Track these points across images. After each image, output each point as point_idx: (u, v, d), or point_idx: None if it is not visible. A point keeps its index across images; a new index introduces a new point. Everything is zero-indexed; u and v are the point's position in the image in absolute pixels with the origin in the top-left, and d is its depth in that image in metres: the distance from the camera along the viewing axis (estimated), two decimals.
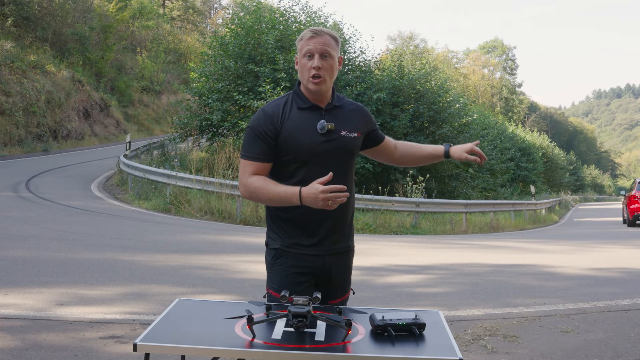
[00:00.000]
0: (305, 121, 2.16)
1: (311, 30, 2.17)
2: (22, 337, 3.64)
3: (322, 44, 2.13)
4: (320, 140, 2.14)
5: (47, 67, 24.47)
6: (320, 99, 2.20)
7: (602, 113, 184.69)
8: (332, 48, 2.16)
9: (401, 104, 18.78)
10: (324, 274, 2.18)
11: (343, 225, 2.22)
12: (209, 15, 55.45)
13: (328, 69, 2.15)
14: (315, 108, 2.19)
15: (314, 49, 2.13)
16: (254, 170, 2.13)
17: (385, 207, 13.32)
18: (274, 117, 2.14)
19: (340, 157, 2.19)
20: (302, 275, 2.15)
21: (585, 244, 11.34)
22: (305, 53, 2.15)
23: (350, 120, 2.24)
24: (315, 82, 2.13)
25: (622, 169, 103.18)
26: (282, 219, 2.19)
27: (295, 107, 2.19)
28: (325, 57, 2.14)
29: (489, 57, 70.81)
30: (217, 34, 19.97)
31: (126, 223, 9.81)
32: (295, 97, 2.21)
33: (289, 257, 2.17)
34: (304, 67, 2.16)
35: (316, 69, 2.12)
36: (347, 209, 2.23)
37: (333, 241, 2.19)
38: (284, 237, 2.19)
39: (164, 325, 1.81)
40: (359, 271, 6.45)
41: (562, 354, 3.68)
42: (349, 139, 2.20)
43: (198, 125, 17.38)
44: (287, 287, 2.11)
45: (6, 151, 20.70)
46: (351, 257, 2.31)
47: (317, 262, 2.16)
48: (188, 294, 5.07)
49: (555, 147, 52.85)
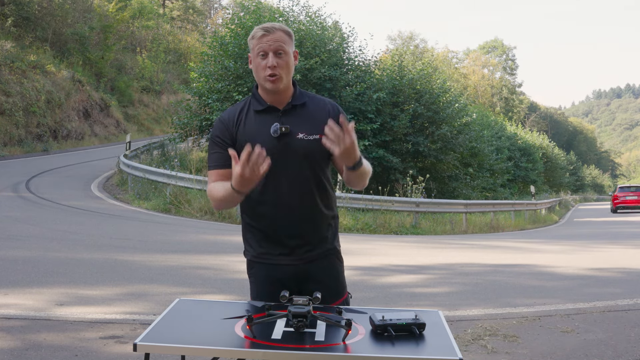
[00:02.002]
0: (260, 125, 2.06)
1: (262, 28, 2.06)
2: (22, 337, 3.64)
3: (275, 42, 2.03)
4: (274, 144, 2.01)
5: (47, 67, 24.48)
6: (279, 100, 2.08)
7: (602, 113, 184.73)
8: (286, 44, 2.05)
9: (401, 104, 18.78)
10: (303, 282, 2.07)
11: (316, 232, 2.09)
12: (209, 15, 55.47)
13: (284, 66, 2.03)
14: (272, 110, 2.07)
15: (267, 47, 2.02)
16: (215, 178, 2.06)
17: (385, 207, 13.32)
18: (229, 123, 2.08)
19: (298, 161, 2.03)
20: (275, 285, 2.05)
21: (585, 244, 11.34)
22: (258, 52, 2.04)
23: (310, 120, 2.07)
24: (272, 80, 2.02)
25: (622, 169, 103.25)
26: (251, 228, 2.12)
27: (252, 110, 2.10)
28: (280, 54, 2.03)
29: (489, 57, 70.83)
30: (217, 34, 19.96)
31: (126, 223, 9.81)
32: (253, 100, 2.12)
33: (262, 267, 2.09)
34: (258, 67, 2.05)
35: (271, 67, 2.01)
36: (318, 218, 2.09)
37: (306, 250, 2.07)
38: (255, 246, 2.11)
39: (164, 325, 1.81)
40: (359, 271, 6.45)
41: (562, 354, 3.68)
42: (306, 142, 2.03)
43: (198, 125, 17.38)
44: (263, 298, 2.05)
45: (6, 151, 20.70)
46: (335, 260, 2.16)
47: (291, 271, 2.07)
48: (188, 294, 5.07)
49: (555, 147, 52.87)
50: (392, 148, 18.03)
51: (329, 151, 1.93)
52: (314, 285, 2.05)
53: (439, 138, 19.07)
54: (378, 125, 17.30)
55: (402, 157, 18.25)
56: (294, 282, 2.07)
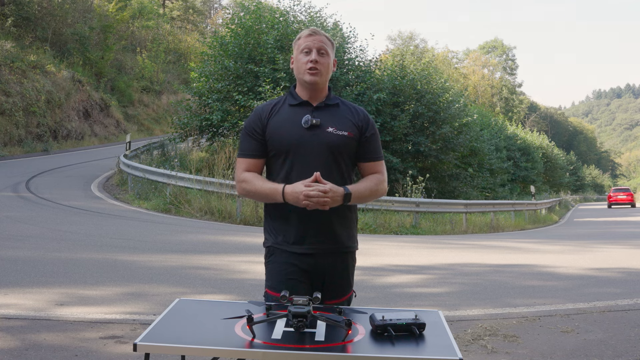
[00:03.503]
0: (292, 116, 2.17)
1: (310, 30, 2.22)
2: (22, 337, 3.64)
3: (319, 42, 2.19)
4: (303, 134, 2.13)
5: (47, 67, 24.48)
6: (314, 96, 2.20)
7: (602, 113, 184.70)
8: (329, 47, 2.21)
9: (401, 104, 18.78)
10: (317, 274, 2.14)
11: (332, 225, 2.15)
12: (209, 15, 55.48)
13: (325, 65, 2.18)
14: (305, 104, 2.20)
15: (312, 45, 2.18)
16: (246, 166, 2.18)
17: (385, 207, 13.32)
18: (263, 114, 2.20)
19: (325, 153, 2.13)
20: (293, 271, 2.12)
21: (585, 244, 11.34)
22: (303, 49, 2.19)
23: (341, 118, 2.20)
24: (311, 72, 2.15)
25: (622, 169, 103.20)
26: (273, 217, 2.21)
27: (286, 104, 2.22)
28: (322, 53, 2.18)
29: (489, 57, 70.85)
30: (217, 34, 19.97)
31: (126, 223, 9.81)
32: (289, 96, 2.24)
33: (281, 254, 2.16)
34: (300, 62, 2.19)
35: (313, 62, 2.15)
36: (338, 211, 2.14)
37: (319, 240, 2.14)
38: (275, 234, 2.19)
39: (164, 325, 1.81)
40: (359, 271, 6.42)
41: (562, 354, 3.68)
42: (335, 136, 2.15)
43: (198, 125, 17.38)
44: (280, 281, 2.11)
45: (6, 151, 20.70)
46: (349, 259, 2.24)
47: (307, 261, 2.13)
48: (188, 294, 5.07)
49: (555, 147, 52.88)
50: (392, 148, 18.03)
51: (356, 150, 2.16)
52: (328, 278, 2.15)
53: (440, 138, 19.06)
54: (378, 125, 17.29)
55: (403, 157, 18.25)
56: (310, 272, 2.14)
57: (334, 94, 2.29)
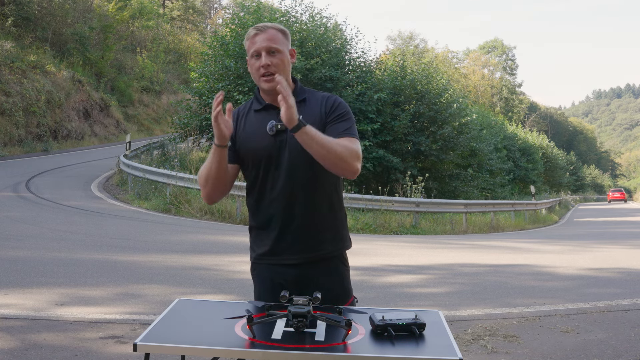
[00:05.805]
0: (258, 124, 2.03)
1: (255, 28, 2.04)
2: (22, 337, 3.64)
3: (267, 41, 2.00)
4: (271, 142, 1.99)
5: (47, 67, 24.47)
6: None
7: (602, 113, 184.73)
8: (280, 42, 2.02)
9: (402, 104, 18.78)
10: (306, 284, 2.00)
11: (316, 231, 2.03)
12: (209, 15, 55.49)
13: (279, 65, 2.00)
14: (270, 108, 2.04)
15: (260, 47, 2.00)
16: None
17: (385, 207, 13.32)
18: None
19: (297, 159, 1.97)
20: (278, 287, 1.99)
21: (585, 244, 11.34)
22: (252, 53, 2.03)
23: (310, 116, 1.99)
24: (266, 79, 2.00)
25: (622, 169, 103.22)
26: (253, 229, 2.11)
27: (252, 110, 2.08)
28: (273, 52, 2.00)
29: (489, 57, 70.81)
30: (217, 34, 19.95)
31: (126, 223, 9.81)
32: (254, 100, 2.10)
33: (263, 268, 2.07)
34: (253, 68, 2.04)
35: (265, 67, 1.99)
36: (317, 217, 2.03)
37: (301, 249, 2.02)
38: (256, 247, 2.09)
39: (164, 325, 1.81)
40: (359, 271, 6.46)
41: (562, 354, 3.68)
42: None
43: (198, 125, 17.38)
44: (267, 298, 2.03)
45: (6, 151, 20.70)
46: (340, 265, 2.09)
47: (293, 272, 2.02)
48: (188, 294, 5.07)
49: (555, 147, 52.90)
50: (392, 148, 18.03)
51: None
52: (316, 289, 1.93)
53: (440, 138, 19.07)
54: (378, 125, 17.30)
55: (403, 157, 18.25)
56: (297, 283, 2.01)
57: (302, 85, 2.12)
